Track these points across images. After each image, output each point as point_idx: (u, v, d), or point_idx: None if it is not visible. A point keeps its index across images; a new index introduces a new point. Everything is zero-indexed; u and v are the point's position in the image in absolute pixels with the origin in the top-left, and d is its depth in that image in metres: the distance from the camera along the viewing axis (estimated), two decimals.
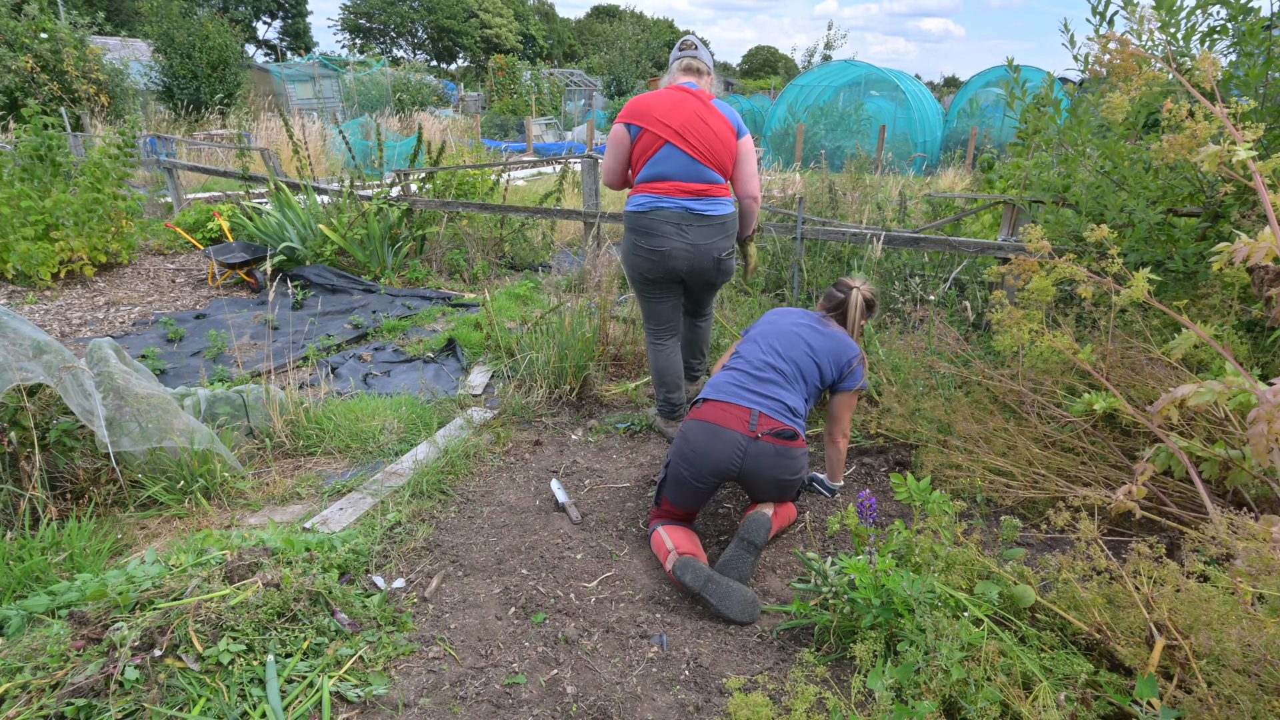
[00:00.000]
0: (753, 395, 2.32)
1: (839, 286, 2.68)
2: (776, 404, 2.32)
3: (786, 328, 2.53)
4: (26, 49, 12.68)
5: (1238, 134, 1.75)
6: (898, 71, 17.57)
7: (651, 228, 2.77)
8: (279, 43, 45.53)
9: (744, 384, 2.36)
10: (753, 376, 2.38)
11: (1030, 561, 2.12)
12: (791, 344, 2.47)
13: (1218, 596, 1.51)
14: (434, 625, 2.02)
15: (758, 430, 2.23)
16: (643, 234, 2.79)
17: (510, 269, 6.42)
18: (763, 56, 67.01)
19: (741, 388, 2.35)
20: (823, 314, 2.65)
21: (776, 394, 2.34)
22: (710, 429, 2.26)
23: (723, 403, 2.31)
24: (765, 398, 2.32)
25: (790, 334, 2.51)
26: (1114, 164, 3.11)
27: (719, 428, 2.25)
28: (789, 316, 2.61)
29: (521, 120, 18.82)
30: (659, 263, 2.81)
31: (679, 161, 2.69)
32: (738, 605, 2.05)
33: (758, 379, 2.37)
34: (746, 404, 2.29)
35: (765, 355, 2.44)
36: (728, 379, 2.41)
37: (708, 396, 2.37)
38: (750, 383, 2.36)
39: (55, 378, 2.33)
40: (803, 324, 2.56)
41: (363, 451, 3.06)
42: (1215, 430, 2.29)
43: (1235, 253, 1.62)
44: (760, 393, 2.33)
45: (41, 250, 5.37)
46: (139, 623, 1.70)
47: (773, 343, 2.48)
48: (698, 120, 2.67)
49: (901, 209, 5.62)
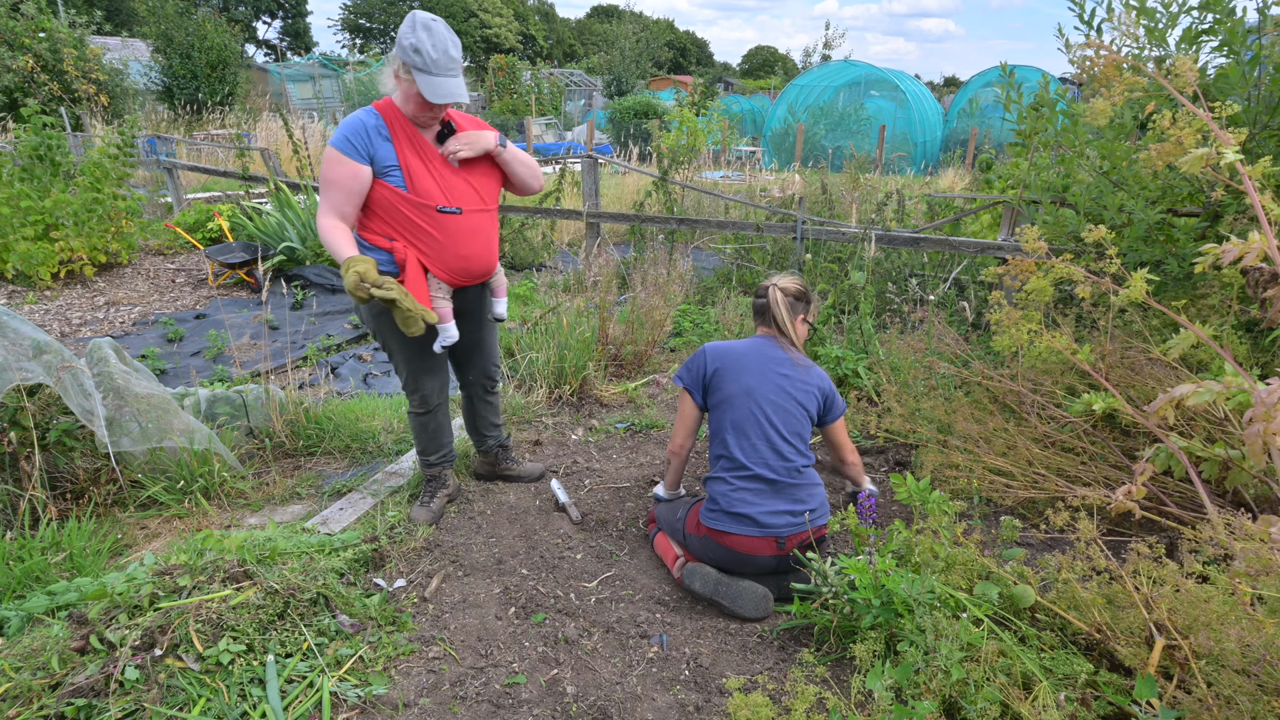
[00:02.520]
0: (776, 517, 2.07)
1: (757, 292, 2.33)
2: (799, 516, 2.09)
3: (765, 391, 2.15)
4: (26, 49, 12.68)
5: (1225, 136, 1.75)
6: (898, 71, 17.59)
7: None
8: (279, 43, 45.51)
9: (758, 504, 2.08)
10: (765, 485, 2.10)
11: (1030, 561, 2.12)
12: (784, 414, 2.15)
13: (1217, 597, 1.51)
14: (434, 625, 2.02)
15: (788, 548, 2.09)
16: None
17: (510, 269, 6.42)
18: (762, 56, 67.04)
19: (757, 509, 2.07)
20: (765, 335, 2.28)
21: (797, 497, 2.11)
22: (735, 555, 2.10)
23: (742, 536, 2.08)
24: (788, 515, 2.08)
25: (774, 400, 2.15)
26: (1112, 164, 3.11)
27: (745, 554, 2.09)
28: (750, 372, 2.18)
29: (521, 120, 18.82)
30: None
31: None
32: (750, 603, 2.06)
33: (774, 490, 2.10)
34: (770, 534, 2.07)
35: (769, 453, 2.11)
36: (737, 496, 2.10)
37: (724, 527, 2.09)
38: (765, 500, 2.09)
39: (55, 378, 2.33)
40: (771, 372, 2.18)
41: (363, 451, 3.06)
42: (1215, 430, 2.29)
43: (1224, 254, 1.62)
44: (783, 510, 2.08)
45: (41, 250, 5.37)
46: (139, 623, 1.70)
47: (767, 431, 2.12)
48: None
49: (900, 209, 5.62)
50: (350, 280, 1.98)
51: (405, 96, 2.08)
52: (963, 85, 18.01)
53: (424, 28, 1.98)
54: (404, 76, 2.03)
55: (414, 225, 2.16)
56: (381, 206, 2.15)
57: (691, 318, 4.70)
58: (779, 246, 5.43)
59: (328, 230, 2.10)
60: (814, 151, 14.60)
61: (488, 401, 2.73)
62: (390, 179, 2.11)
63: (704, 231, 6.42)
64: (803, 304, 2.29)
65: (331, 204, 2.10)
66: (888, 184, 7.48)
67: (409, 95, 2.06)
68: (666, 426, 3.37)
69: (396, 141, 2.11)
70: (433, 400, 2.48)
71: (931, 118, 16.55)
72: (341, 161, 2.06)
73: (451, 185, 2.18)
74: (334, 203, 2.10)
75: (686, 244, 6.18)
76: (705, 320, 4.62)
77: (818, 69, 18.45)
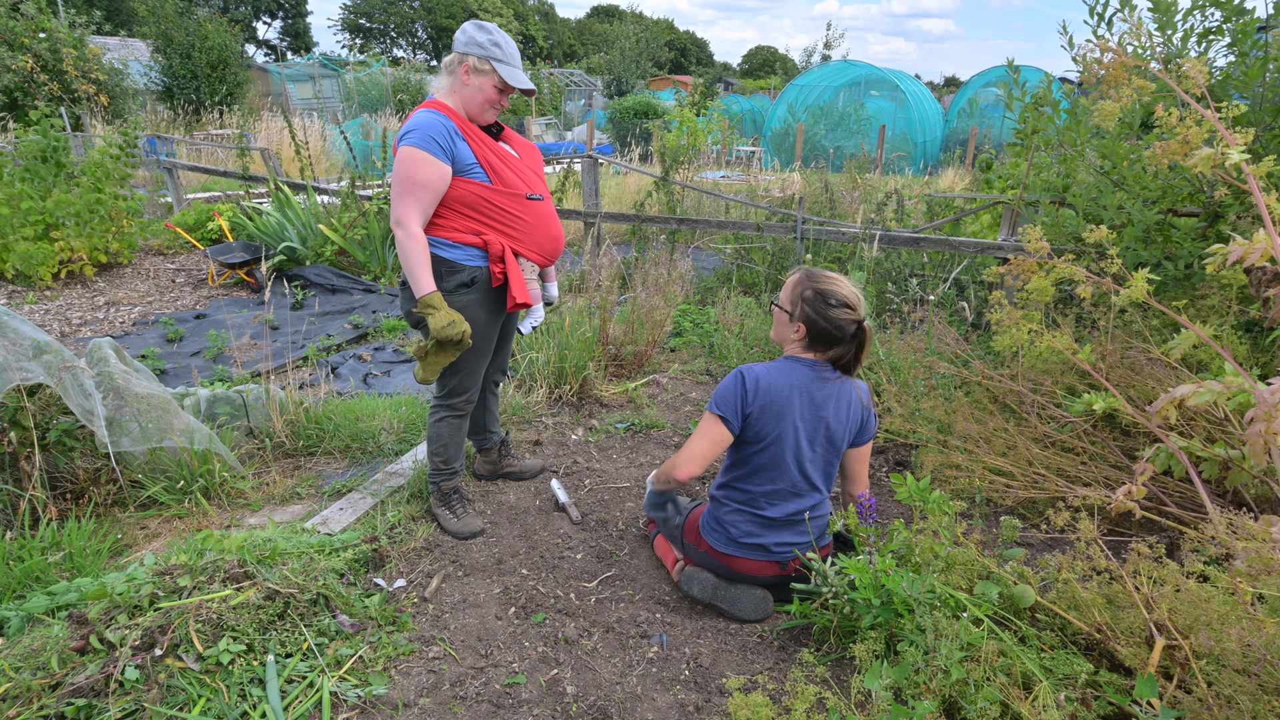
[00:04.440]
0: (781, 549, 2.05)
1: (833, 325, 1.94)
2: (805, 543, 2.06)
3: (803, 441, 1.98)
4: (26, 49, 12.68)
5: (1231, 137, 1.75)
6: (898, 71, 17.59)
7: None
8: (279, 43, 45.53)
9: (769, 537, 2.04)
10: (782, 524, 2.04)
11: (1030, 561, 2.12)
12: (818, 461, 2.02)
13: (1217, 596, 1.51)
14: (434, 625, 2.02)
15: (790, 569, 2.07)
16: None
17: None
18: (763, 56, 67.07)
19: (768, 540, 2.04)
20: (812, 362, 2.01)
21: (804, 530, 2.07)
22: (738, 575, 2.09)
23: (747, 560, 2.05)
24: (795, 545, 2.05)
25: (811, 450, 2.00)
26: (1113, 164, 3.11)
27: (747, 575, 2.08)
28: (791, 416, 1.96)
29: (521, 120, 18.81)
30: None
31: None
32: (750, 605, 2.06)
33: (787, 527, 2.05)
34: (775, 559, 2.05)
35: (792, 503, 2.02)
36: (752, 530, 2.03)
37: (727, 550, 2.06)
38: (778, 533, 2.04)
39: (55, 378, 2.33)
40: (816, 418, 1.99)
41: (363, 451, 3.06)
42: (1215, 430, 2.29)
43: (1230, 254, 1.62)
44: (790, 542, 2.05)
45: (41, 250, 5.38)
46: (139, 623, 1.70)
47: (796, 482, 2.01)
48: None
49: (900, 209, 5.62)
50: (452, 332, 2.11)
51: (478, 90, 2.16)
52: (963, 85, 18.00)
53: (492, 29, 2.17)
54: (482, 69, 2.14)
55: (509, 215, 2.25)
56: (467, 203, 2.19)
57: (692, 318, 4.70)
58: (779, 246, 5.43)
59: (418, 245, 2.13)
60: (814, 151, 14.60)
61: (495, 395, 2.76)
62: (474, 175, 2.18)
63: (704, 231, 6.42)
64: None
65: (422, 207, 2.13)
66: (888, 184, 7.48)
67: (483, 88, 2.16)
68: (667, 426, 3.37)
69: (469, 139, 2.18)
70: (475, 396, 2.50)
71: (931, 118, 16.54)
72: (432, 163, 2.10)
73: (525, 175, 2.30)
74: (425, 205, 2.13)
75: (687, 244, 6.17)
76: (705, 320, 4.62)
77: (818, 69, 18.45)
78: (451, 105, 2.19)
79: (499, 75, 2.14)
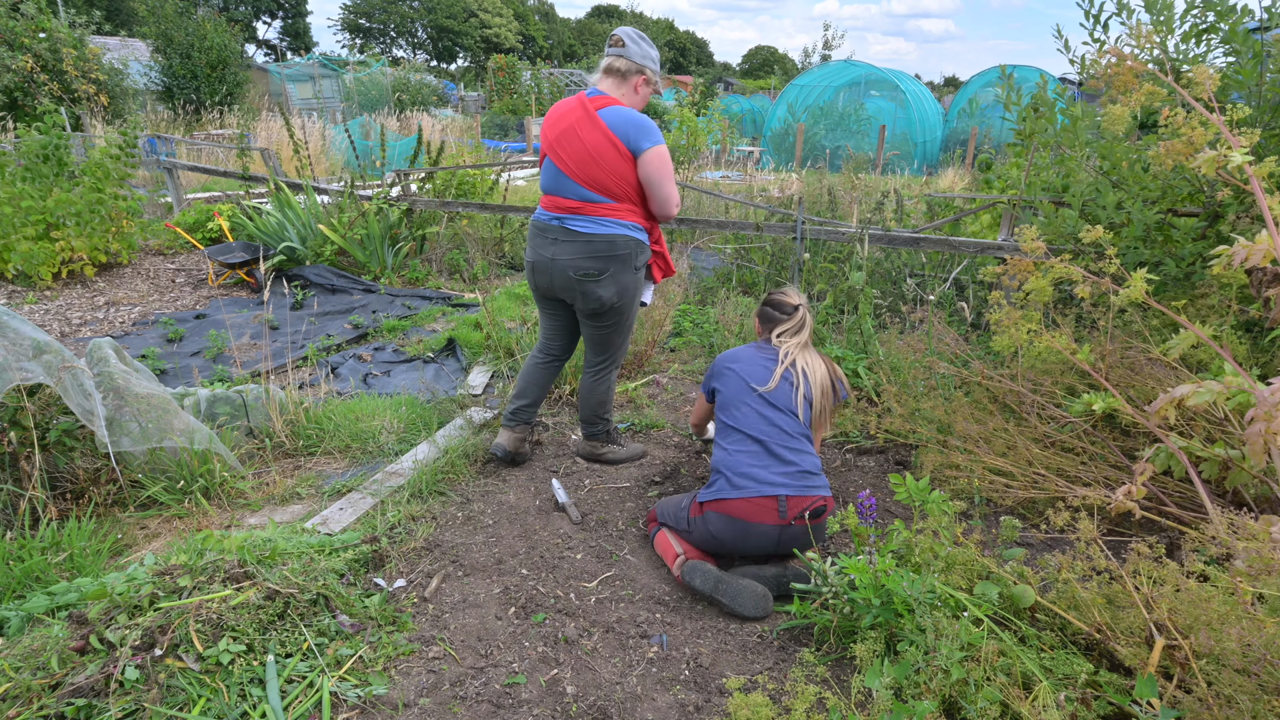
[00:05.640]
0: (772, 477, 2.15)
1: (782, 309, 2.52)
2: (798, 476, 2.16)
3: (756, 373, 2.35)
4: (26, 49, 12.67)
5: (1234, 139, 1.75)
6: (898, 71, 17.59)
7: (531, 237, 2.72)
8: (279, 43, 45.53)
9: (761, 464, 2.18)
10: (762, 448, 2.21)
11: (1030, 561, 2.12)
12: (782, 394, 2.31)
13: (1218, 596, 1.51)
14: (434, 625, 2.02)
15: (789, 516, 2.11)
16: (528, 243, 2.76)
17: (510, 269, 6.42)
18: (763, 56, 67.08)
19: (756, 471, 2.16)
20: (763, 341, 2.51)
21: (790, 460, 2.18)
22: (739, 525, 2.14)
23: (746, 499, 2.13)
24: (786, 475, 2.15)
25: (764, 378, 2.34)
26: (1111, 164, 3.11)
27: (748, 523, 2.13)
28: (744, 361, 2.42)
29: (521, 120, 18.82)
30: (530, 275, 2.75)
31: (550, 173, 2.62)
32: (750, 601, 2.06)
33: (769, 454, 2.19)
34: (771, 492, 2.12)
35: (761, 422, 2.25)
36: (740, 462, 2.20)
37: (725, 494, 2.16)
38: (763, 460, 2.18)
39: (55, 378, 2.33)
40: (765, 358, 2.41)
41: (363, 451, 3.06)
42: (1215, 430, 2.29)
43: (1234, 255, 1.62)
44: (779, 470, 2.16)
45: (42, 250, 5.37)
46: (139, 623, 1.70)
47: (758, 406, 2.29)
48: (573, 134, 2.51)
49: (899, 209, 5.62)
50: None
51: (644, 98, 2.60)
52: (963, 85, 18.00)
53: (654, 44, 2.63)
54: (653, 83, 2.60)
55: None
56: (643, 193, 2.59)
57: (691, 318, 4.70)
58: (779, 246, 5.43)
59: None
60: (814, 151, 14.60)
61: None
62: None
63: (704, 231, 6.42)
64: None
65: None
66: (887, 184, 7.48)
67: (647, 97, 2.61)
68: (667, 426, 3.37)
69: None
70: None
71: (931, 118, 16.54)
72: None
73: None
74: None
75: (686, 244, 6.17)
76: (705, 320, 4.62)
77: (818, 69, 18.45)
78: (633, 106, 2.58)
79: (658, 87, 2.64)
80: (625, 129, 2.45)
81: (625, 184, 2.51)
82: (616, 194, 2.53)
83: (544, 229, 2.65)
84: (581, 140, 2.49)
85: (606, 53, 2.58)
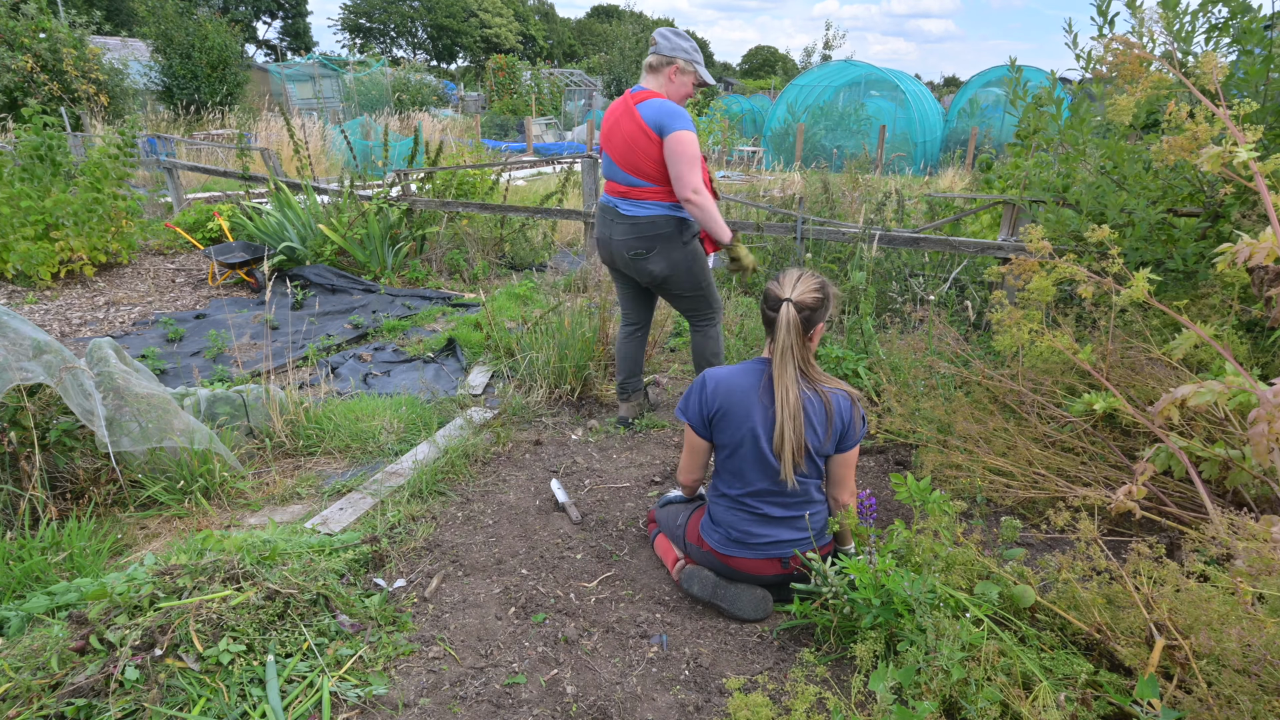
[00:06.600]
0: (776, 548, 2.05)
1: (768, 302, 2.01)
2: (804, 538, 2.05)
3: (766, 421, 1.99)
4: (26, 49, 12.68)
5: (1239, 135, 1.75)
6: (898, 71, 17.58)
7: (598, 218, 3.06)
8: (279, 43, 45.53)
9: (762, 534, 2.04)
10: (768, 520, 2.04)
11: (1030, 561, 2.12)
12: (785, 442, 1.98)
13: (1218, 596, 1.51)
14: (434, 625, 2.02)
15: (791, 567, 2.06)
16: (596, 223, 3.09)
17: (510, 269, 6.42)
18: (763, 56, 67.05)
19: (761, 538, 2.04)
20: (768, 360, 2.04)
21: (800, 526, 2.05)
22: (738, 574, 2.10)
23: (746, 559, 2.06)
24: (792, 542, 2.04)
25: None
26: (1114, 163, 3.11)
27: (748, 574, 2.09)
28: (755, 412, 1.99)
29: (521, 120, 18.82)
30: (599, 252, 3.10)
31: (606, 164, 2.94)
32: (749, 604, 2.06)
33: (775, 521, 2.04)
34: (774, 555, 2.05)
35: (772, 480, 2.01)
36: (740, 526, 2.05)
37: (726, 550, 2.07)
38: (768, 529, 2.04)
39: (55, 378, 2.33)
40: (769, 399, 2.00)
41: (363, 451, 3.06)
42: (1215, 430, 2.29)
43: (1237, 253, 1.62)
44: (784, 540, 2.04)
45: (41, 250, 5.37)
46: (139, 623, 1.69)
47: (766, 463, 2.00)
48: (617, 127, 2.82)
49: (900, 209, 5.62)
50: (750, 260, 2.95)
51: (681, 85, 2.77)
52: (963, 85, 17.99)
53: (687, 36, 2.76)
54: (687, 70, 2.75)
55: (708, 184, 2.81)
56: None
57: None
58: (779, 246, 5.42)
59: (712, 203, 2.75)
60: (814, 151, 14.60)
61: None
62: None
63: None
64: (821, 311, 2.00)
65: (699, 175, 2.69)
66: (888, 184, 7.47)
67: (686, 84, 2.78)
68: (667, 426, 3.37)
69: None
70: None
71: (931, 118, 16.53)
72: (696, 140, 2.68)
73: None
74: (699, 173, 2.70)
75: None
76: None
77: (818, 69, 18.44)
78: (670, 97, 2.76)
79: (698, 74, 2.77)
80: (655, 117, 2.68)
81: (661, 168, 2.74)
82: (655, 178, 2.77)
83: (605, 210, 2.99)
84: (623, 131, 2.77)
85: (649, 52, 2.86)
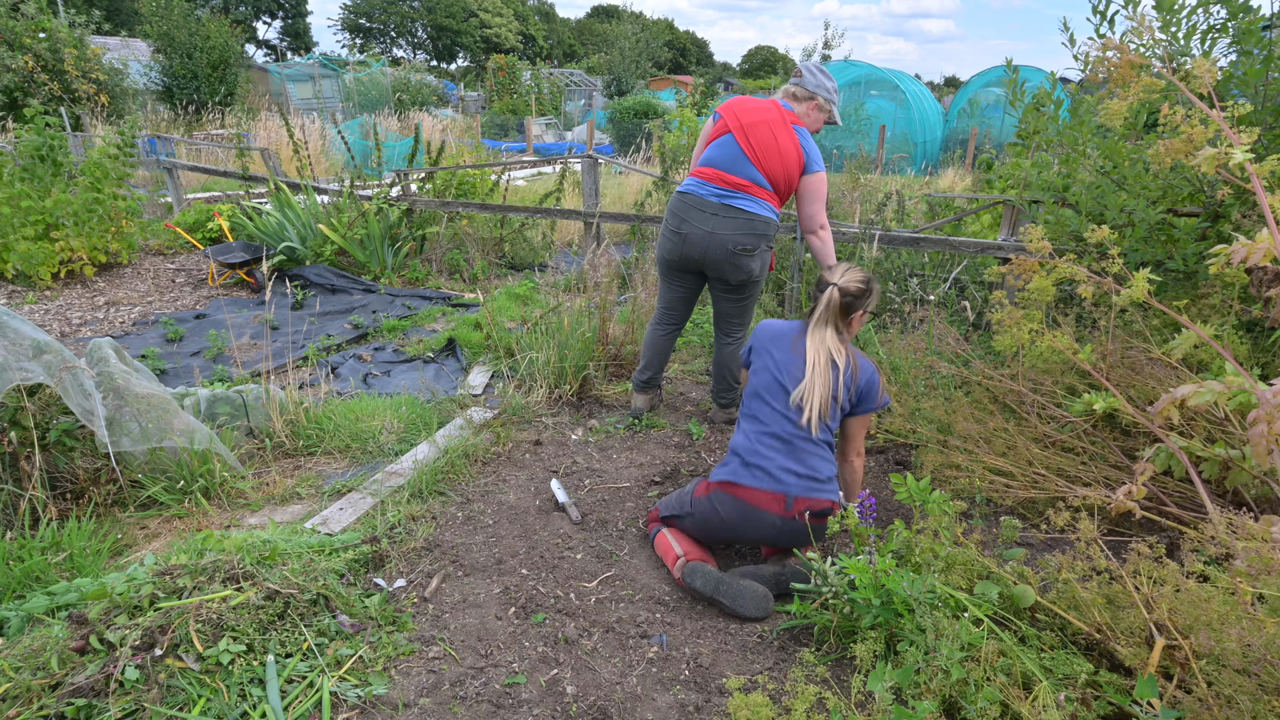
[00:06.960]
0: (784, 474, 2.15)
1: (818, 284, 2.37)
2: (809, 481, 2.16)
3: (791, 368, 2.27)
4: (26, 49, 12.68)
5: (1235, 136, 1.75)
6: (898, 71, 17.56)
7: (682, 210, 2.94)
8: (279, 43, 45.54)
9: (773, 458, 2.18)
10: (781, 444, 2.19)
11: (1030, 561, 2.12)
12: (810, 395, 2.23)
13: (1218, 596, 1.51)
14: (434, 625, 2.02)
15: (794, 511, 2.13)
16: (673, 215, 2.98)
17: (510, 269, 6.42)
18: (763, 56, 67.08)
19: (771, 463, 2.17)
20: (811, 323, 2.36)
21: (810, 465, 2.17)
22: (744, 508, 2.17)
23: (754, 488, 2.16)
24: (798, 476, 2.16)
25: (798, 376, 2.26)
26: (1114, 164, 3.11)
27: (753, 508, 2.16)
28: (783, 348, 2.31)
29: (521, 120, 18.81)
30: (677, 245, 2.98)
31: (730, 150, 2.89)
32: (751, 602, 2.06)
33: (787, 448, 2.19)
34: (780, 489, 2.14)
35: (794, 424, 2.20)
36: (754, 448, 2.21)
37: (738, 478, 2.20)
38: (779, 456, 2.18)
39: (55, 378, 2.33)
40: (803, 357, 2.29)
41: (363, 451, 3.06)
42: (1215, 430, 2.29)
43: (1234, 254, 1.62)
44: (792, 470, 2.16)
45: (41, 250, 5.37)
46: (139, 623, 1.69)
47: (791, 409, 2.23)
48: (766, 128, 2.85)
49: (900, 209, 5.62)
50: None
51: (817, 120, 2.99)
52: (963, 85, 17.98)
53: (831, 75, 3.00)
54: (825, 109, 2.97)
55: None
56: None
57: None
58: (779, 246, 5.42)
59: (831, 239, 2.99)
60: None
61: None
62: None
63: None
64: (862, 301, 2.34)
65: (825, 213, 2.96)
66: (888, 184, 7.47)
67: (819, 120, 2.99)
68: (666, 426, 3.37)
69: None
70: None
71: (932, 118, 16.52)
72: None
73: None
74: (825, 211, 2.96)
75: None
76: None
77: None
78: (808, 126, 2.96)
79: (832, 114, 3.00)
80: (809, 148, 2.88)
81: (787, 183, 2.90)
82: (779, 186, 2.89)
83: (701, 204, 2.90)
84: (775, 137, 2.84)
85: (790, 80, 3.03)
